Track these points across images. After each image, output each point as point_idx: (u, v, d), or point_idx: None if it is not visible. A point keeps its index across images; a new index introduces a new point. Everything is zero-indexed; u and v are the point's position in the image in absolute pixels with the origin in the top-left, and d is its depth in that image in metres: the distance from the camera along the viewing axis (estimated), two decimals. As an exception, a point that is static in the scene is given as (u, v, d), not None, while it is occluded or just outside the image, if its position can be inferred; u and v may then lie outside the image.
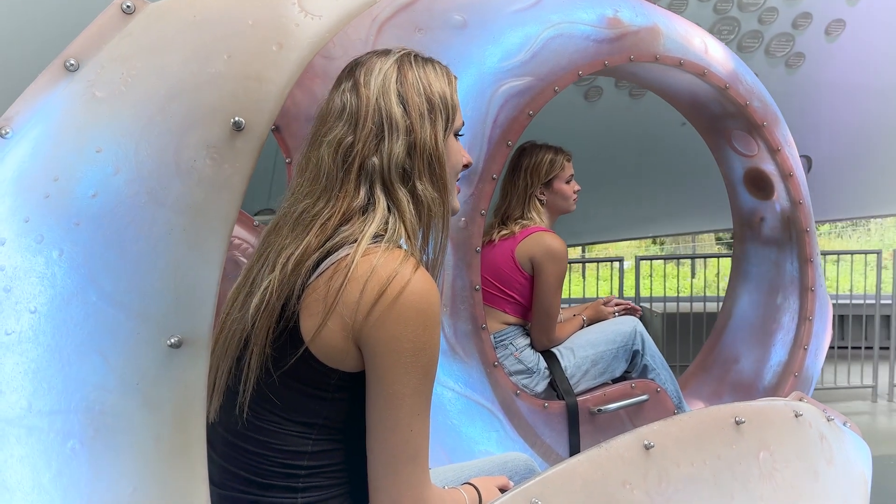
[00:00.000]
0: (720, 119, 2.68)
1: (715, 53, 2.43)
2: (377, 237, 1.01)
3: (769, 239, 2.80)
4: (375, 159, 1.03)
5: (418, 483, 0.98)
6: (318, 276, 0.99)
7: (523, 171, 2.43)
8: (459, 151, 1.14)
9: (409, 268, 0.96)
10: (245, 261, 1.71)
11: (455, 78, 1.13)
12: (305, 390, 1.00)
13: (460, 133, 1.15)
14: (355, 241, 1.00)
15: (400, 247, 1.02)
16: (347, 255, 0.98)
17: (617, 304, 2.63)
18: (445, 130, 1.08)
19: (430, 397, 0.99)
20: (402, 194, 1.04)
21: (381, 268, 0.96)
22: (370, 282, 0.95)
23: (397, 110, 1.04)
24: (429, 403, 0.99)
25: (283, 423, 1.01)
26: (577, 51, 2.07)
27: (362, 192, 1.03)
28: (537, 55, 1.99)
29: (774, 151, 2.58)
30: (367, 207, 1.03)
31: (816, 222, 2.73)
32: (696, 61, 2.35)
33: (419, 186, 1.05)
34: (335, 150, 1.03)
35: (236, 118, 0.99)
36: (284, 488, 1.01)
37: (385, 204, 1.03)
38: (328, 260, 0.99)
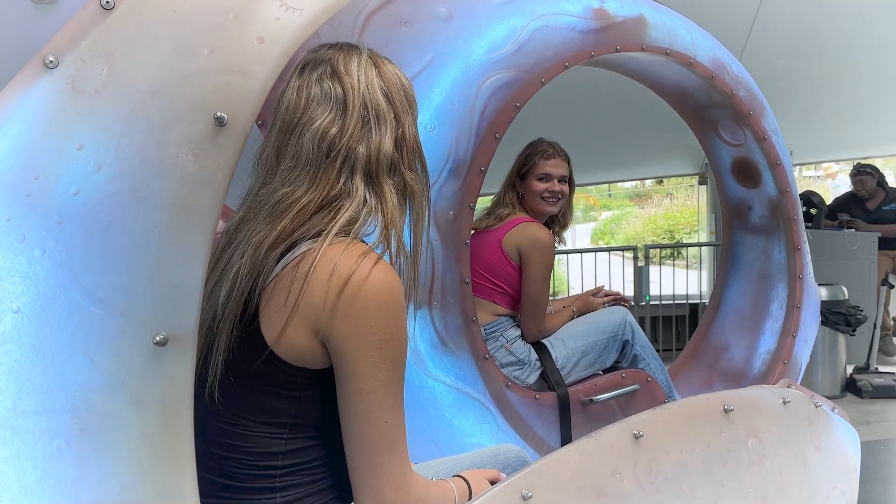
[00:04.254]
0: (707, 109, 2.69)
1: (701, 43, 2.43)
2: (348, 225, 1.01)
3: (757, 227, 2.82)
4: (362, 149, 1.03)
5: (399, 472, 0.98)
6: (277, 274, 0.98)
7: (513, 162, 2.46)
8: None
9: (369, 261, 0.96)
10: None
11: None
12: (272, 391, 0.99)
13: None
14: (319, 234, 0.99)
15: (362, 241, 1.02)
16: (308, 250, 0.98)
17: (606, 295, 2.64)
18: (415, 121, 1.12)
19: (402, 387, 0.99)
20: (387, 185, 1.05)
21: (341, 264, 0.95)
22: (331, 279, 0.94)
23: (383, 102, 1.06)
24: (401, 393, 0.99)
25: (253, 426, 1.00)
26: (564, 42, 2.07)
27: (342, 181, 1.03)
28: (523, 47, 1.98)
29: (761, 140, 2.59)
30: (343, 196, 1.02)
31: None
32: (683, 51, 2.35)
33: (408, 176, 1.07)
34: (320, 140, 1.02)
35: (219, 113, 0.98)
36: (262, 489, 1.01)
37: (363, 194, 1.03)
38: (290, 254, 0.99)
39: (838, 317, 4.33)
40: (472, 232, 2.36)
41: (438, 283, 1.89)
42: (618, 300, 2.63)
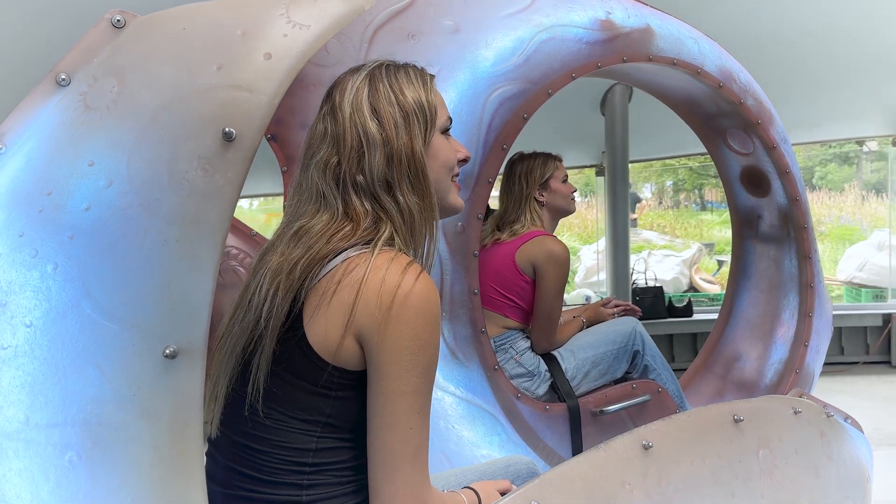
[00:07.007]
0: (715, 118, 2.68)
1: (708, 53, 2.44)
2: (390, 239, 1.04)
3: (768, 236, 2.80)
4: (360, 177, 1.06)
5: (417, 483, 0.98)
6: (323, 277, 1.00)
7: (517, 177, 2.46)
8: (451, 148, 1.15)
9: (414, 272, 0.99)
10: (243, 270, 1.71)
11: (432, 77, 1.14)
12: (309, 387, 1.01)
13: (448, 129, 1.16)
14: (365, 243, 1.02)
15: (405, 254, 1.04)
16: (353, 257, 1.00)
17: (616, 305, 2.63)
18: (426, 133, 1.10)
19: (430, 397, 1.00)
20: (390, 204, 1.06)
21: (390, 272, 0.98)
22: (383, 286, 0.97)
23: (372, 125, 1.06)
24: (429, 403, 1.00)
25: (288, 421, 1.02)
26: (570, 53, 2.08)
27: (360, 208, 1.06)
28: (530, 59, 1.99)
29: (770, 149, 2.59)
30: (365, 220, 1.05)
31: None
32: (690, 61, 2.36)
33: (400, 196, 1.07)
34: (324, 171, 1.06)
35: (227, 129, 1.00)
36: (290, 485, 1.02)
37: (381, 216, 1.06)
38: (336, 260, 1.01)
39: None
40: (482, 245, 2.37)
41: (447, 294, 1.89)
42: (627, 310, 2.62)
